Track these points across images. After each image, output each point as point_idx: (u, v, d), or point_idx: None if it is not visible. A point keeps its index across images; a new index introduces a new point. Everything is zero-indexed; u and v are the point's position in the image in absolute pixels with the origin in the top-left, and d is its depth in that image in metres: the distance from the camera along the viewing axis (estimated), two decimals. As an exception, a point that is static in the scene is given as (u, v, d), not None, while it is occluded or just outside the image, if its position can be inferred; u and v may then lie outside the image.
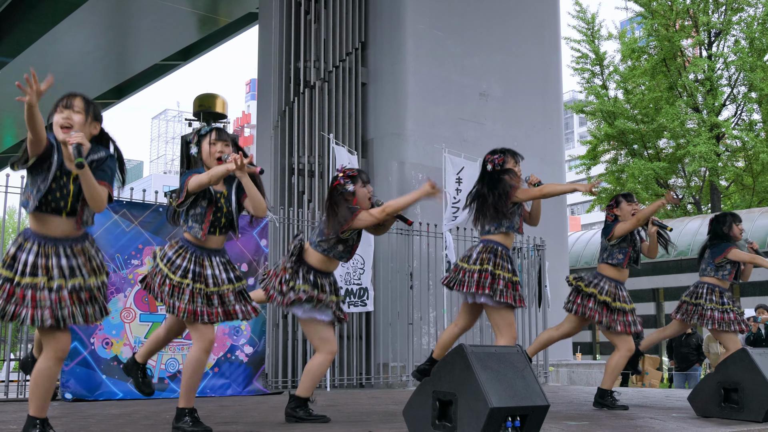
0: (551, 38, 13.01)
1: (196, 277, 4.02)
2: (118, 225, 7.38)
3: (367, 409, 5.83)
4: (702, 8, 23.02)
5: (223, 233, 4.19)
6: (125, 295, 7.33)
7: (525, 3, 12.62)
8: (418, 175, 10.73)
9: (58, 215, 3.38)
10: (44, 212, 3.37)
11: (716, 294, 6.33)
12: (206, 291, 4.04)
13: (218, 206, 4.12)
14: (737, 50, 22.77)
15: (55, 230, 3.40)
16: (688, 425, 4.58)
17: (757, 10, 22.67)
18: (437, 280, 10.11)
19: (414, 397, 3.78)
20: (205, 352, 4.01)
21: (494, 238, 5.19)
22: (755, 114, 23.79)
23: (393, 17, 11.20)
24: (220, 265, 4.14)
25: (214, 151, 4.14)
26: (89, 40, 17.71)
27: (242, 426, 4.55)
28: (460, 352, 3.55)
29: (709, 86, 22.89)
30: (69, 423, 4.78)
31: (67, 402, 6.69)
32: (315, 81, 10.81)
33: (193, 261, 4.06)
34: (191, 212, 4.10)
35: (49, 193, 3.35)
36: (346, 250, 4.72)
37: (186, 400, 4.04)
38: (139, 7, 16.24)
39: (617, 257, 5.87)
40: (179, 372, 7.52)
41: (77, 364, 6.96)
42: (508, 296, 5.00)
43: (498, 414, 3.35)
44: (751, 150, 22.43)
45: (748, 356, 4.87)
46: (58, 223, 3.40)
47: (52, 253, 3.36)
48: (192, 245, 4.10)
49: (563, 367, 11.43)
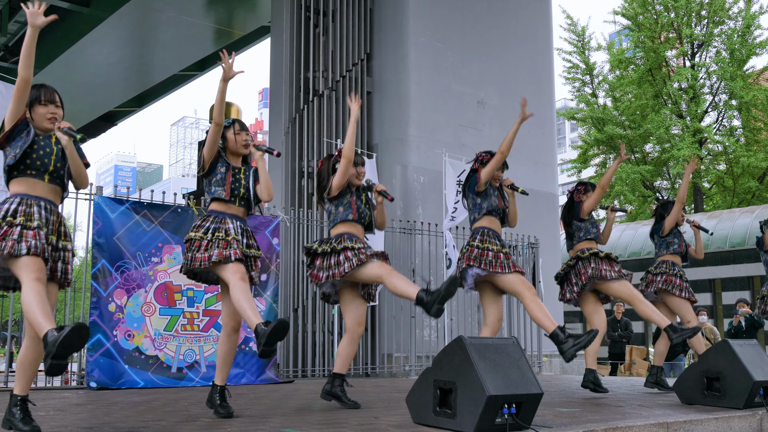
0: (544, 50, 13.00)
1: (216, 232, 4.11)
2: (139, 225, 7.38)
3: (373, 397, 5.83)
4: (685, 21, 23.02)
5: (242, 205, 4.26)
6: (146, 291, 7.34)
7: (519, 17, 12.61)
8: (420, 178, 10.73)
9: (40, 179, 3.50)
10: (27, 176, 3.49)
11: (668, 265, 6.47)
12: (226, 238, 4.09)
13: (236, 176, 4.25)
14: (718, 60, 22.75)
15: (37, 191, 3.49)
16: (673, 411, 4.57)
17: (737, 23, 22.67)
18: (438, 276, 10.11)
19: (416, 385, 3.78)
20: (242, 280, 4.00)
21: (479, 224, 5.24)
22: (735, 120, 23.77)
23: (396, 30, 11.20)
24: (239, 228, 4.20)
25: (240, 140, 4.33)
26: (113, 52, 17.75)
27: (256, 412, 4.55)
28: (459, 343, 3.55)
29: (692, 94, 22.87)
30: (94, 410, 4.79)
31: (92, 390, 6.71)
32: (323, 90, 10.81)
33: (214, 221, 4.16)
34: (213, 179, 4.24)
35: (33, 154, 3.47)
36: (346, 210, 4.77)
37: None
38: (159, 21, 16.27)
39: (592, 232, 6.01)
40: (196, 362, 7.53)
41: (101, 354, 6.97)
42: (497, 265, 4.98)
43: (495, 401, 3.35)
44: (731, 154, 22.42)
45: (730, 347, 4.86)
46: (42, 185, 3.50)
47: (33, 204, 3.45)
48: (215, 212, 4.21)
49: (556, 357, 11.41)
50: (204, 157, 4.24)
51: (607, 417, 4.21)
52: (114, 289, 7.17)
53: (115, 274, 7.19)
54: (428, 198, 10.62)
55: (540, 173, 11.96)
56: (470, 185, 5.32)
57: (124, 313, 7.18)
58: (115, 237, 7.25)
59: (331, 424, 3.82)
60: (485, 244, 5.05)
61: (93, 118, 22.51)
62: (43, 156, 3.50)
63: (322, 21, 11.11)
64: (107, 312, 7.10)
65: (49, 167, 3.51)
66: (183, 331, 7.49)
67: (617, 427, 3.74)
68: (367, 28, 11.38)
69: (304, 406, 5.02)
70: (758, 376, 4.68)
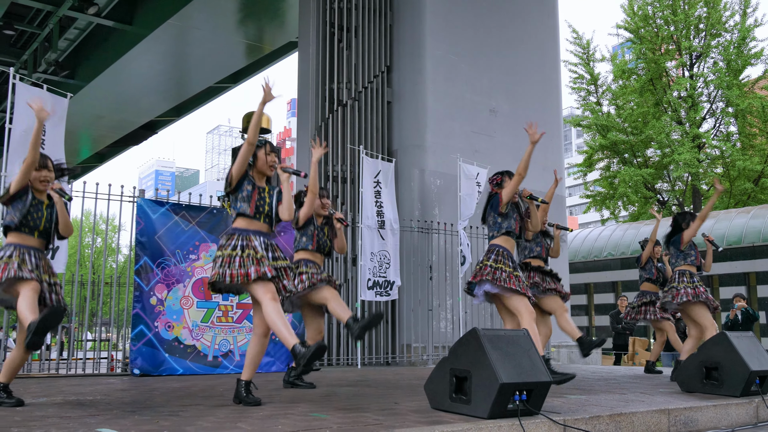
0: (552, 62, 12.92)
1: (245, 249, 4.04)
2: (178, 225, 7.44)
3: (393, 384, 5.83)
4: (684, 34, 22.81)
5: (266, 222, 4.18)
6: (184, 285, 7.39)
7: (529, 31, 12.55)
8: (436, 181, 10.71)
9: (31, 235, 4.14)
10: (22, 231, 4.12)
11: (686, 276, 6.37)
12: (256, 256, 4.03)
13: (261, 194, 4.18)
14: (716, 71, 22.53)
15: (28, 242, 4.13)
16: (673, 399, 4.53)
17: (733, 35, 22.45)
18: (453, 272, 10.09)
19: (434, 373, 3.77)
20: (273, 299, 3.98)
21: (495, 242, 5.25)
22: (732, 126, 23.53)
23: (414, 45, 11.19)
24: (263, 243, 4.13)
25: (269, 160, 4.25)
26: (153, 66, 17.90)
27: (285, 398, 4.57)
28: (473, 334, 3.54)
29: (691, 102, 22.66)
30: (137, 395, 4.83)
31: (135, 377, 6.76)
32: (347, 100, 10.82)
33: (241, 239, 4.08)
34: (239, 196, 4.15)
35: (28, 216, 4.10)
36: (308, 240, 5.39)
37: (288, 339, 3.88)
38: (195, 38, 16.38)
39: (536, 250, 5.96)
40: (231, 351, 7.57)
41: (144, 344, 7.02)
42: (512, 283, 4.98)
43: (507, 388, 3.33)
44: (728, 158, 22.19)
45: (727, 339, 4.81)
46: (32, 239, 4.14)
47: (25, 252, 4.08)
48: (239, 230, 4.12)
49: (563, 348, 11.34)
50: (233, 174, 4.15)
51: (612, 404, 4.18)
52: (155, 284, 7.23)
53: (156, 270, 7.25)
54: (444, 200, 10.60)
55: (548, 177, 11.82)
56: (493, 205, 5.30)
57: (164, 306, 7.24)
58: (156, 236, 7.31)
59: (355, 409, 3.82)
60: (498, 264, 5.06)
61: (135, 127, 22.72)
62: (36, 219, 4.14)
63: (346, 36, 11.12)
64: (149, 305, 7.16)
65: (39, 227, 4.15)
66: (218, 323, 7.53)
67: (621, 413, 3.71)
68: (387, 43, 11.37)
69: (330, 392, 5.04)
70: (754, 366, 4.63)
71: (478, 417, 3.35)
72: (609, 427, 3.61)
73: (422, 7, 11.17)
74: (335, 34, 11.05)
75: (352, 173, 10.51)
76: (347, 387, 4.84)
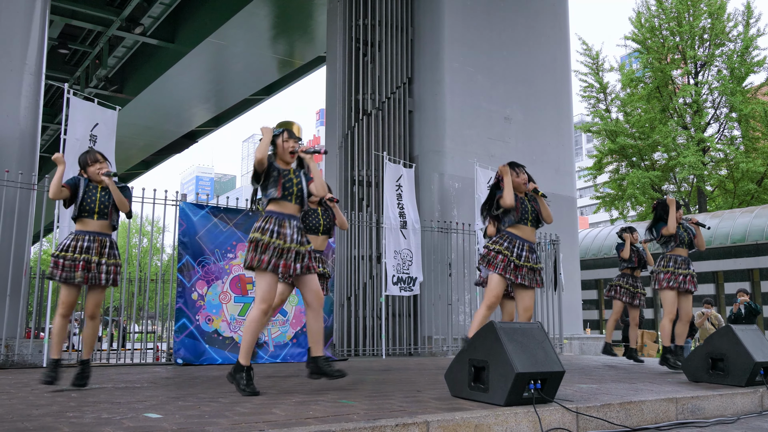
0: (563, 72, 12.81)
1: (274, 235, 3.94)
2: (216, 226, 7.50)
3: (416, 373, 5.81)
4: (689, 44, 22.50)
5: (297, 203, 4.06)
6: (222, 282, 7.45)
7: (541, 43, 12.46)
8: (455, 184, 10.67)
9: (90, 218, 4.36)
10: (82, 216, 4.36)
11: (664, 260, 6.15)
12: (282, 246, 3.94)
13: (287, 177, 4.05)
14: (719, 78, 22.21)
15: (89, 227, 4.37)
16: (681, 388, 4.45)
17: (737, 45, 22.12)
18: (471, 269, 10.04)
19: (454, 363, 3.76)
20: (320, 305, 4.08)
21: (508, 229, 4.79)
22: (735, 131, 23.19)
23: (433, 58, 11.17)
24: (295, 228, 4.04)
25: (287, 146, 4.10)
26: (194, 80, 18.10)
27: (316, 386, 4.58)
28: (490, 327, 3.52)
29: (696, 108, 22.34)
30: (180, 383, 4.87)
31: (179, 366, 6.83)
32: (371, 110, 10.84)
33: (276, 223, 3.98)
34: (266, 184, 4.03)
35: (83, 203, 4.35)
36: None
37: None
38: (232, 54, 16.53)
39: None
40: (265, 342, 7.61)
41: (186, 336, 7.09)
42: (498, 267, 4.60)
43: (522, 378, 3.31)
44: (732, 161, 21.87)
45: (732, 331, 4.72)
46: (92, 222, 4.37)
47: (83, 238, 4.33)
48: (274, 213, 4.01)
49: (575, 339, 11.23)
50: (255, 166, 4.00)
51: (622, 393, 4.13)
52: (196, 281, 7.30)
53: (197, 268, 7.32)
54: (462, 201, 10.56)
55: (560, 179, 11.78)
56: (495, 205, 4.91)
57: (204, 301, 7.30)
58: (197, 236, 7.37)
59: (380, 397, 3.82)
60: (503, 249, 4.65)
61: (178, 136, 23.00)
62: (90, 202, 4.37)
63: (370, 51, 11.14)
64: (191, 300, 7.23)
65: (95, 209, 4.37)
66: (254, 316, 7.57)
67: (631, 402, 3.66)
68: (408, 56, 11.37)
69: (357, 380, 5.03)
70: (759, 357, 4.55)
71: (496, 404, 3.33)
72: (619, 414, 3.56)
73: (441, 22, 11.14)
74: (360, 48, 11.07)
75: (377, 177, 10.52)
76: (373, 375, 4.83)
